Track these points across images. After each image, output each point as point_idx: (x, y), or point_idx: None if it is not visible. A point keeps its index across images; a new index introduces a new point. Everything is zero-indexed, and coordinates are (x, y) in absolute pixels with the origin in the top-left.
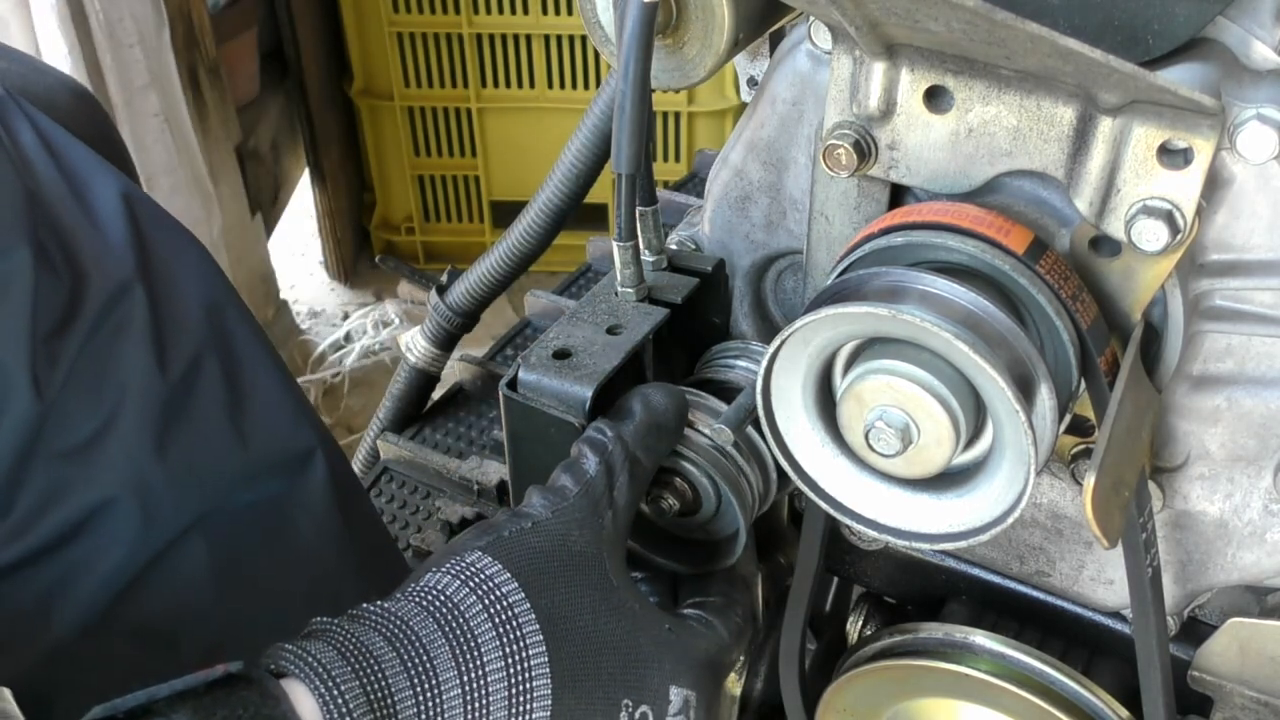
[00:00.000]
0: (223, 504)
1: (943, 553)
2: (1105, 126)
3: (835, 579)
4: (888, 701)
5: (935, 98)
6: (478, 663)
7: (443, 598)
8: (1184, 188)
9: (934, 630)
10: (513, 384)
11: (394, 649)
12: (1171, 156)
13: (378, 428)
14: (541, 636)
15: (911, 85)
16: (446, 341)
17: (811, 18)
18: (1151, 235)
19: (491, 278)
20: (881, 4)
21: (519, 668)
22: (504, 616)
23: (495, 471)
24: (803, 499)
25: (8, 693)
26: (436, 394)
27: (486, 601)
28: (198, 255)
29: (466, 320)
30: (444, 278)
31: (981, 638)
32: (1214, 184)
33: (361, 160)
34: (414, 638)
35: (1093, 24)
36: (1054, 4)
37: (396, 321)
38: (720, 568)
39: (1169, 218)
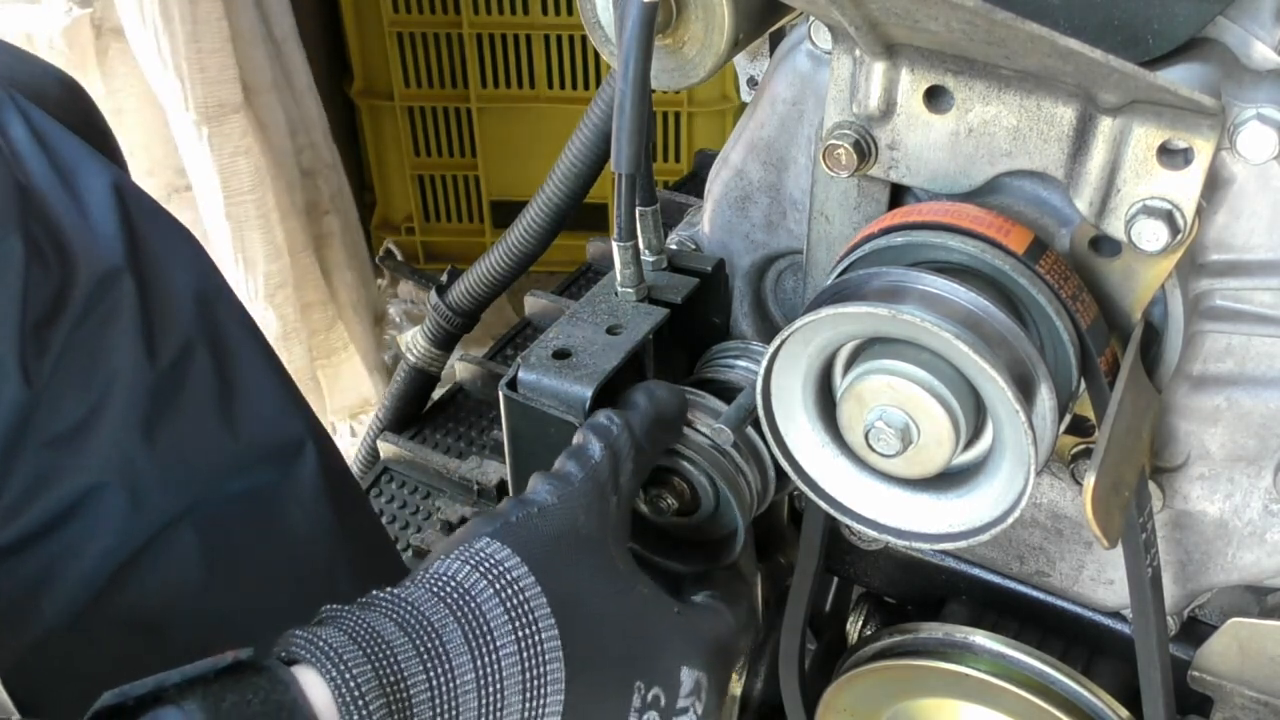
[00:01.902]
0: (212, 493)
1: (943, 553)
2: (1105, 126)
3: (835, 579)
4: (888, 701)
5: (935, 98)
6: (491, 647)
7: (453, 583)
8: (1184, 188)
9: (934, 630)
10: (512, 384)
11: (406, 634)
12: (1171, 156)
13: (377, 428)
14: (554, 620)
15: (911, 85)
16: (446, 341)
17: (811, 18)
18: (1151, 235)
19: (491, 278)
20: (881, 4)
21: (532, 651)
22: (516, 601)
23: (495, 471)
24: (803, 499)
25: None
26: (436, 394)
27: (498, 586)
28: (189, 246)
29: (466, 320)
30: (444, 278)
31: (981, 638)
32: (1214, 184)
33: (361, 160)
34: (426, 623)
35: (1093, 24)
36: (1054, 4)
37: (396, 321)
38: (718, 567)
39: (1169, 218)
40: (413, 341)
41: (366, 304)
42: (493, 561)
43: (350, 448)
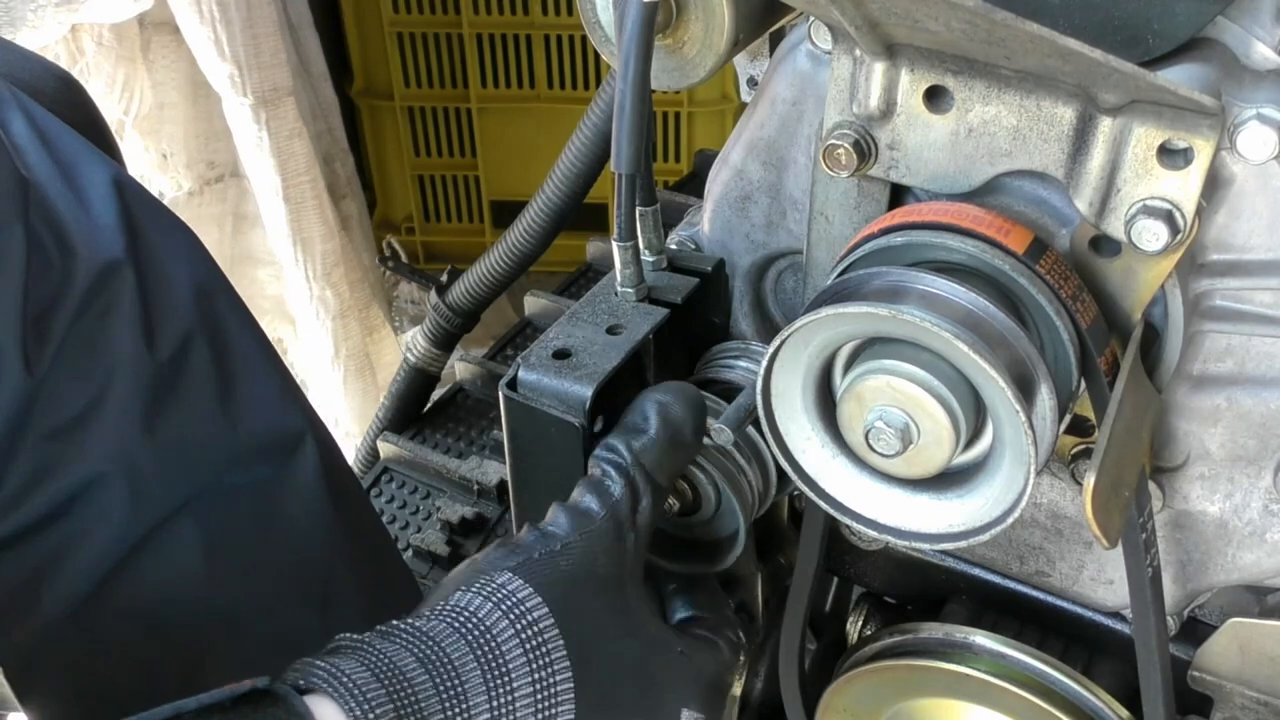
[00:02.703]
0: (212, 485)
1: (943, 553)
2: (1105, 126)
3: (835, 579)
4: (888, 701)
5: (935, 98)
6: (508, 688)
7: (474, 619)
8: (1184, 188)
9: (934, 630)
10: (513, 384)
11: (425, 670)
12: (1171, 156)
13: (377, 428)
14: (569, 663)
15: (911, 85)
16: (446, 341)
17: (811, 18)
18: (1151, 235)
19: (491, 278)
20: (881, 4)
21: (546, 694)
22: (534, 642)
23: (495, 471)
24: (803, 499)
25: None
26: (436, 394)
27: (518, 626)
28: (188, 240)
29: (466, 320)
30: (444, 278)
31: (981, 638)
32: (1214, 184)
33: (362, 160)
34: (445, 659)
35: (1093, 24)
36: (1054, 4)
37: (397, 318)
38: (719, 568)
39: (1169, 218)
40: (413, 341)
41: (380, 287)
42: (514, 600)
43: None
